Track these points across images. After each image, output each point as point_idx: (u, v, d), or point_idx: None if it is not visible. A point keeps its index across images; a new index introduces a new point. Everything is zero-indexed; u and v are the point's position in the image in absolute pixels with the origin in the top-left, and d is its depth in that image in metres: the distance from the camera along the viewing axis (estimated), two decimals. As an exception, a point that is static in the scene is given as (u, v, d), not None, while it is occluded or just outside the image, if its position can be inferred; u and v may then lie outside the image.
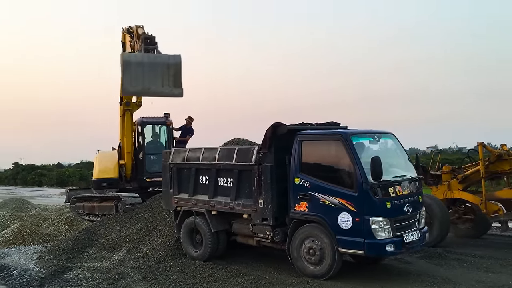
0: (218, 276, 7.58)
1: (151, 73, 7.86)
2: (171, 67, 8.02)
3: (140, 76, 7.88)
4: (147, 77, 7.88)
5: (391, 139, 7.99)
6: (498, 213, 9.54)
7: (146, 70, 7.91)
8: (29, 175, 47.39)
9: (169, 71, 7.97)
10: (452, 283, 6.87)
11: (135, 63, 7.89)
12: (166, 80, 7.94)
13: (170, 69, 7.99)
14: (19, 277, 8.02)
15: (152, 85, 7.98)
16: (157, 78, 7.92)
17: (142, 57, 8.02)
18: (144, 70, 7.90)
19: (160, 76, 7.90)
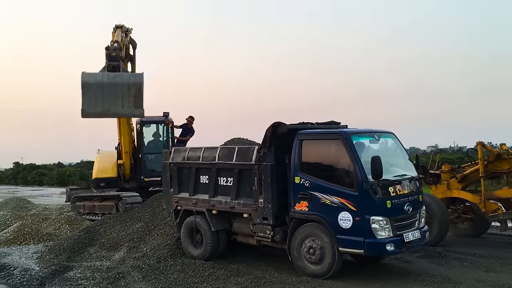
0: (218, 275, 7.59)
1: (111, 94, 7.54)
2: (132, 87, 7.67)
3: (99, 97, 7.57)
4: (106, 98, 7.56)
5: (391, 139, 7.99)
6: (497, 212, 9.56)
7: (106, 91, 7.57)
8: (30, 175, 47.45)
9: (129, 92, 7.63)
10: (453, 283, 6.87)
11: (95, 84, 7.60)
12: (126, 100, 7.60)
13: (131, 89, 7.65)
14: (19, 276, 8.03)
15: (112, 106, 7.66)
16: (117, 99, 7.59)
17: (102, 77, 7.60)
18: (104, 91, 7.57)
19: (120, 97, 7.57)
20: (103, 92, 7.57)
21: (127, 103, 7.64)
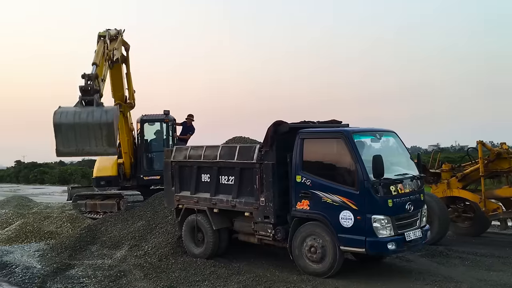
0: (219, 274, 7.60)
1: (83, 135, 7.52)
2: (103, 127, 7.64)
3: (72, 138, 7.52)
4: (79, 138, 7.57)
5: (393, 137, 7.98)
6: (497, 211, 9.56)
7: (77, 132, 7.54)
8: (31, 173, 47.53)
9: (102, 131, 7.66)
10: (454, 282, 6.86)
11: (66, 125, 7.61)
12: (99, 140, 7.63)
13: (103, 129, 7.65)
14: (21, 274, 8.05)
15: (86, 146, 7.66)
16: (90, 139, 7.59)
17: (73, 118, 7.56)
18: (75, 132, 7.56)
19: (93, 137, 7.56)
20: (75, 133, 7.59)
21: (100, 142, 7.67)
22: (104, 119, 7.74)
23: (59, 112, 7.67)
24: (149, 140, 14.09)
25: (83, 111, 7.75)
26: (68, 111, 7.67)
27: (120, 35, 11.30)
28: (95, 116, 7.77)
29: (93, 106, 7.95)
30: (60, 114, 7.64)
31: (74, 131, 7.65)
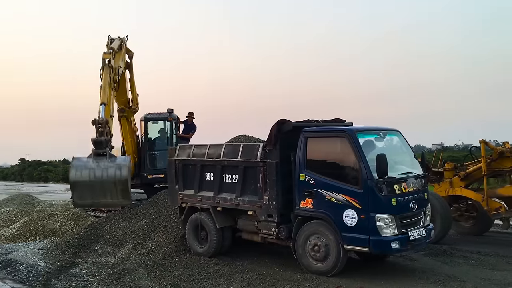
0: (223, 272, 7.61)
1: (99, 190, 8.01)
2: (118, 183, 8.07)
3: (88, 193, 8.03)
4: (95, 193, 8.02)
5: (397, 136, 7.97)
6: (499, 211, 9.54)
7: (93, 188, 8.01)
8: (35, 171, 47.73)
9: (116, 187, 8.08)
10: (458, 281, 6.85)
11: (81, 183, 8.02)
12: (114, 194, 8.07)
13: (117, 185, 8.07)
14: (25, 272, 8.08)
15: (101, 199, 8.11)
16: (106, 193, 8.05)
17: (88, 176, 7.97)
18: (91, 188, 8.01)
19: (108, 192, 8.02)
20: (90, 189, 8.07)
21: (115, 196, 8.06)
22: (118, 176, 8.18)
23: (74, 169, 8.07)
24: (152, 138, 14.08)
25: (97, 168, 8.11)
26: (83, 168, 8.05)
27: (124, 44, 11.25)
28: (109, 173, 8.11)
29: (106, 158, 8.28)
30: (76, 172, 8.03)
31: (89, 188, 8.12)
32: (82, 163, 8.23)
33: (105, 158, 8.35)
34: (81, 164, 8.22)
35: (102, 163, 8.26)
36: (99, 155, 8.35)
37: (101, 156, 8.34)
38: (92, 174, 8.10)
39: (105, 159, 8.33)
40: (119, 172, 8.20)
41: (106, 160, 8.32)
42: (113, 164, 8.26)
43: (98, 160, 8.31)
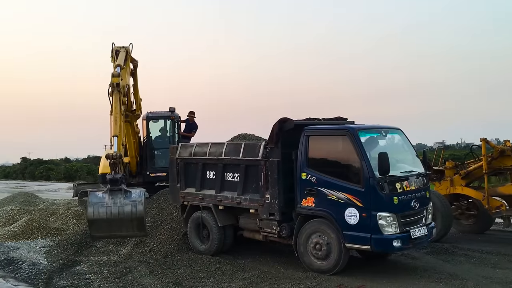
0: (224, 271, 7.62)
1: (115, 225, 8.37)
2: (134, 219, 8.43)
3: (105, 227, 8.37)
4: (112, 228, 8.40)
5: (399, 135, 7.96)
6: (500, 209, 9.55)
7: (110, 224, 8.36)
8: (37, 170, 47.80)
9: (133, 223, 8.42)
10: (459, 279, 6.85)
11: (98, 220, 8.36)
12: (130, 228, 8.42)
13: (134, 221, 8.42)
14: (27, 270, 8.09)
15: (118, 232, 8.50)
16: (122, 228, 8.41)
17: (105, 214, 8.34)
18: (108, 224, 8.36)
19: (124, 227, 8.39)
20: (108, 225, 8.36)
21: (131, 229, 8.46)
22: (134, 213, 8.44)
23: (91, 207, 8.34)
24: (155, 137, 14.09)
25: (113, 206, 8.37)
26: (100, 207, 8.34)
27: (129, 56, 11.07)
28: (125, 211, 8.38)
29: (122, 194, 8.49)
30: (93, 210, 8.30)
31: (106, 224, 8.35)
32: (98, 200, 8.50)
33: (120, 193, 8.56)
34: (97, 201, 8.49)
35: (118, 199, 8.51)
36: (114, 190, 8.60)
37: (117, 191, 8.57)
38: (109, 212, 8.40)
39: (121, 195, 8.54)
40: (135, 209, 8.46)
41: (121, 196, 8.54)
42: (129, 202, 8.49)
43: (114, 196, 8.55)
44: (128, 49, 11.02)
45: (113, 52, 10.85)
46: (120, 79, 9.79)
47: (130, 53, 11.10)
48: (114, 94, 9.77)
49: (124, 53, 10.74)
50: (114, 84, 9.71)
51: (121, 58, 10.51)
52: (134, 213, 8.49)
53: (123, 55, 10.69)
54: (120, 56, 10.58)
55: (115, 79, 9.79)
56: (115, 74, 9.79)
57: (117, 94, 9.80)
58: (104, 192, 8.68)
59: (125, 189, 8.73)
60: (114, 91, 9.75)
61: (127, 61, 10.86)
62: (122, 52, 10.76)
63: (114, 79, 9.79)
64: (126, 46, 11.04)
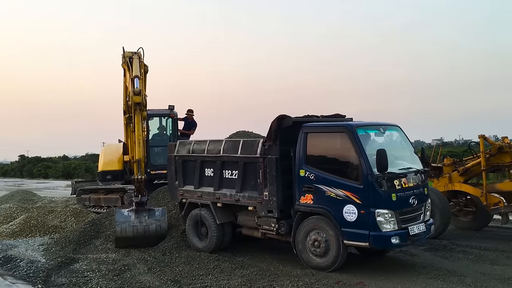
0: (223, 268, 7.62)
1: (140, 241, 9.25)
2: (159, 237, 9.36)
3: (131, 241, 9.25)
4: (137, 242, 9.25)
5: (397, 131, 7.96)
6: (498, 206, 9.57)
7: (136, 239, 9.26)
8: (35, 167, 47.75)
9: (156, 239, 9.32)
10: (458, 275, 6.86)
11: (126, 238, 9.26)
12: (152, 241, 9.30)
13: (157, 238, 9.34)
14: (26, 268, 8.07)
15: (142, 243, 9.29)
16: (145, 242, 9.26)
17: (132, 233, 9.25)
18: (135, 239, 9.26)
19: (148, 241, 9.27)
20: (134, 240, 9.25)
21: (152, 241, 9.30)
22: (159, 231, 9.34)
23: (119, 226, 9.19)
24: (154, 135, 14.08)
25: (139, 225, 9.25)
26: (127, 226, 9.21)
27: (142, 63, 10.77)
28: (151, 230, 9.28)
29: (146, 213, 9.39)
30: (121, 230, 9.18)
31: (132, 240, 9.24)
32: (124, 219, 9.30)
33: (145, 211, 9.39)
34: (124, 220, 9.28)
35: (143, 218, 9.33)
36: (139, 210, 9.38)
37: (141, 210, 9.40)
38: (135, 231, 9.26)
39: (145, 213, 9.37)
40: (159, 228, 9.35)
41: (146, 214, 9.37)
42: (153, 220, 9.34)
43: (139, 215, 9.35)
44: (140, 55, 10.77)
45: (126, 59, 10.64)
46: (142, 97, 9.63)
47: (142, 59, 10.84)
48: (136, 115, 9.77)
49: (137, 60, 10.51)
50: (135, 103, 9.60)
51: (137, 68, 10.27)
52: (159, 231, 9.33)
53: (137, 63, 10.44)
54: (134, 65, 10.34)
55: (137, 98, 9.61)
56: (136, 92, 9.57)
57: (139, 114, 9.77)
58: (129, 210, 9.44)
59: (149, 209, 9.48)
60: (137, 111, 9.73)
61: (141, 68, 10.59)
62: (135, 59, 10.51)
63: (136, 97, 9.60)
64: (138, 52, 10.77)
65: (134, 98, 9.57)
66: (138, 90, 9.57)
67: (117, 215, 9.38)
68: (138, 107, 9.64)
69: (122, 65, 10.97)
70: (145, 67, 11.18)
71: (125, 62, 10.67)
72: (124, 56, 10.70)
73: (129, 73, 10.34)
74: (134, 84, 9.66)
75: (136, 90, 9.55)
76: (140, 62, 10.62)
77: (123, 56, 10.77)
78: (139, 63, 10.56)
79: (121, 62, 10.96)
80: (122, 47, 10.71)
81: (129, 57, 10.58)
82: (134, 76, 9.86)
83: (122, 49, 10.74)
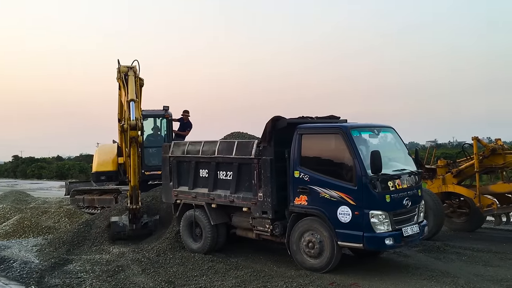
0: (217, 269, 7.62)
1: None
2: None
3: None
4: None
5: (391, 133, 7.99)
6: (491, 207, 9.63)
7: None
8: (29, 168, 47.48)
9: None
10: (451, 277, 6.89)
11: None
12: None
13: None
14: (19, 269, 8.04)
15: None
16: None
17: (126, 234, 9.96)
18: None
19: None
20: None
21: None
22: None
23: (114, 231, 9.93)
24: (148, 135, 14.04)
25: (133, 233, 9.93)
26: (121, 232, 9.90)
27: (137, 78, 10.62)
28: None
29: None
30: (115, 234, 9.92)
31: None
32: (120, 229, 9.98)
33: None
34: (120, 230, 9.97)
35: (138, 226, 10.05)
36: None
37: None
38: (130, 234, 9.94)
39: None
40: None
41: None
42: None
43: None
44: (135, 70, 10.62)
45: (121, 74, 10.50)
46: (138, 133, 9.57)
47: (138, 74, 10.69)
48: (132, 147, 9.74)
49: (133, 77, 10.36)
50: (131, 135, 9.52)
51: (132, 89, 10.10)
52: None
53: (132, 81, 10.27)
54: (130, 84, 10.19)
55: (134, 132, 9.50)
56: (132, 126, 9.42)
57: (135, 146, 9.75)
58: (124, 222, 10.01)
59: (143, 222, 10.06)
60: (133, 144, 9.70)
61: (136, 84, 10.43)
62: (131, 77, 10.35)
63: (132, 132, 9.49)
64: (134, 67, 10.62)
65: (130, 132, 9.48)
66: (135, 123, 9.42)
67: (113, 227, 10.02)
68: (134, 139, 9.60)
69: (117, 80, 10.82)
70: (140, 80, 10.99)
71: (120, 78, 10.58)
72: (120, 71, 10.57)
73: (125, 91, 10.23)
74: (131, 111, 9.50)
75: (133, 123, 9.39)
76: (135, 79, 10.47)
77: (118, 71, 10.62)
78: (135, 79, 10.41)
79: (116, 76, 10.81)
80: (117, 60, 10.53)
81: (125, 74, 10.45)
82: (130, 99, 9.73)
83: (118, 63, 10.57)
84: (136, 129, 9.47)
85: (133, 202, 9.84)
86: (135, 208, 9.82)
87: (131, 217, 9.87)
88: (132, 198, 9.85)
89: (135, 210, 9.84)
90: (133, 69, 10.61)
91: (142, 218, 10.03)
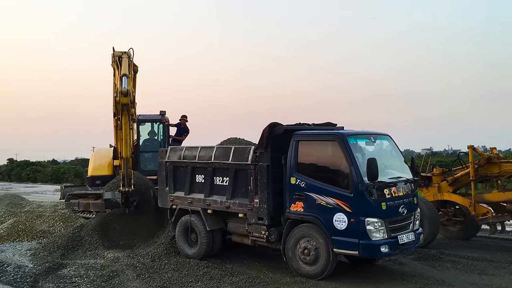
0: (212, 275, 7.60)
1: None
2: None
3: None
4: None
5: (387, 141, 8.02)
6: (486, 216, 9.66)
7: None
8: (24, 171, 47.20)
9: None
10: (446, 285, 6.90)
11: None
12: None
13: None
14: (13, 273, 8.00)
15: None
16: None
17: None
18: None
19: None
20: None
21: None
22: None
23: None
24: (145, 140, 14.03)
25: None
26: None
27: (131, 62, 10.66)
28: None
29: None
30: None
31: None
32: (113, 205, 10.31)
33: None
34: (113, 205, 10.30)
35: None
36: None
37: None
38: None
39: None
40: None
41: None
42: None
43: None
44: (129, 55, 10.69)
45: (115, 58, 10.56)
46: (130, 97, 9.44)
47: (132, 59, 10.76)
48: (124, 116, 9.63)
49: (126, 59, 10.43)
50: (122, 104, 9.43)
51: (125, 66, 10.15)
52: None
53: (126, 62, 10.34)
54: (123, 63, 10.24)
55: (125, 99, 9.41)
56: (124, 93, 9.35)
57: (126, 115, 9.65)
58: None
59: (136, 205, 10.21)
60: (124, 112, 9.59)
61: (130, 68, 10.48)
62: (125, 58, 10.44)
63: (123, 99, 9.40)
64: (128, 52, 10.71)
65: (122, 99, 9.40)
66: (126, 90, 9.36)
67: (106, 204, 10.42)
68: (125, 107, 9.54)
69: (112, 65, 10.89)
70: (134, 66, 11.11)
71: (114, 61, 10.62)
72: (114, 56, 10.64)
73: (118, 72, 10.25)
74: (123, 83, 9.50)
75: (124, 90, 9.34)
76: (129, 61, 10.53)
77: (112, 56, 10.71)
78: (129, 62, 10.47)
79: (110, 62, 10.89)
80: (112, 47, 10.67)
81: (119, 57, 10.53)
82: (122, 74, 9.73)
83: (112, 49, 10.70)
84: (128, 95, 9.38)
85: (125, 185, 9.59)
86: (127, 191, 9.61)
87: (124, 200, 9.71)
88: (124, 178, 9.59)
89: (128, 193, 9.64)
90: (127, 53, 10.69)
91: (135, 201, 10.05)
